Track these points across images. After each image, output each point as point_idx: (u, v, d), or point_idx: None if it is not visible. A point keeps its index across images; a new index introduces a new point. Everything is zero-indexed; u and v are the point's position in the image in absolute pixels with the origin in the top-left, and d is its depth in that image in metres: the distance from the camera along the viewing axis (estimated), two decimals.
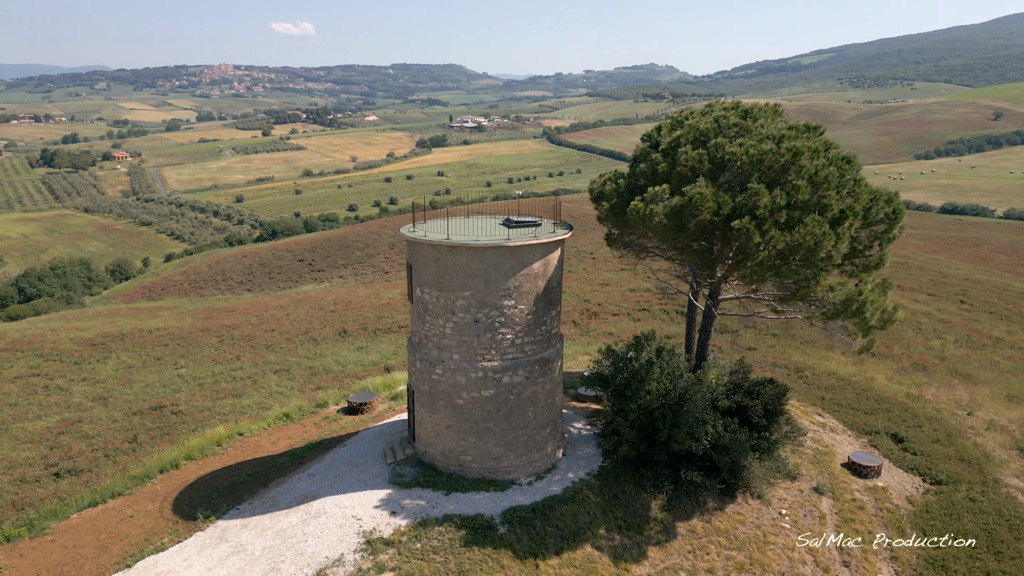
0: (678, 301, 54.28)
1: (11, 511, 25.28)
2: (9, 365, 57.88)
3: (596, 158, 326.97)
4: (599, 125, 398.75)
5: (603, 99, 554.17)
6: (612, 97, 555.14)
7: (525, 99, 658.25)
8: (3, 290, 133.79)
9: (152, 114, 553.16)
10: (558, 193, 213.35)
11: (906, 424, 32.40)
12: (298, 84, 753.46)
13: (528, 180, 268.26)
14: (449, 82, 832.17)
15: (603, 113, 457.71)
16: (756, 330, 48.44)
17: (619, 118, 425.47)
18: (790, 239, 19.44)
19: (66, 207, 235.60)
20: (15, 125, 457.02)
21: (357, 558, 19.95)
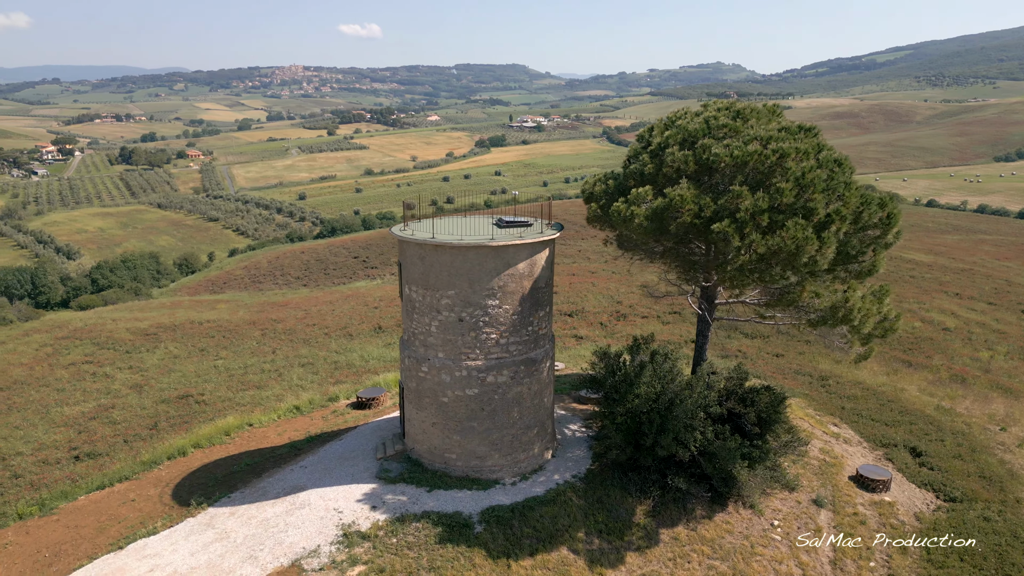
0: None
1: (28, 491, 26.75)
2: (67, 352, 60.77)
3: None
4: None
5: (666, 98, 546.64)
6: (675, 96, 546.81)
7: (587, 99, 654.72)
8: (78, 281, 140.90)
9: (225, 114, 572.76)
10: None
11: (928, 438, 31.03)
12: (364, 84, 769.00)
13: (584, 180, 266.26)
14: (512, 82, 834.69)
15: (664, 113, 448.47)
16: (787, 336, 47.07)
17: None
18: (771, 243, 18.90)
19: (141, 203, 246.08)
20: (98, 124, 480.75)
21: (332, 550, 20.37)
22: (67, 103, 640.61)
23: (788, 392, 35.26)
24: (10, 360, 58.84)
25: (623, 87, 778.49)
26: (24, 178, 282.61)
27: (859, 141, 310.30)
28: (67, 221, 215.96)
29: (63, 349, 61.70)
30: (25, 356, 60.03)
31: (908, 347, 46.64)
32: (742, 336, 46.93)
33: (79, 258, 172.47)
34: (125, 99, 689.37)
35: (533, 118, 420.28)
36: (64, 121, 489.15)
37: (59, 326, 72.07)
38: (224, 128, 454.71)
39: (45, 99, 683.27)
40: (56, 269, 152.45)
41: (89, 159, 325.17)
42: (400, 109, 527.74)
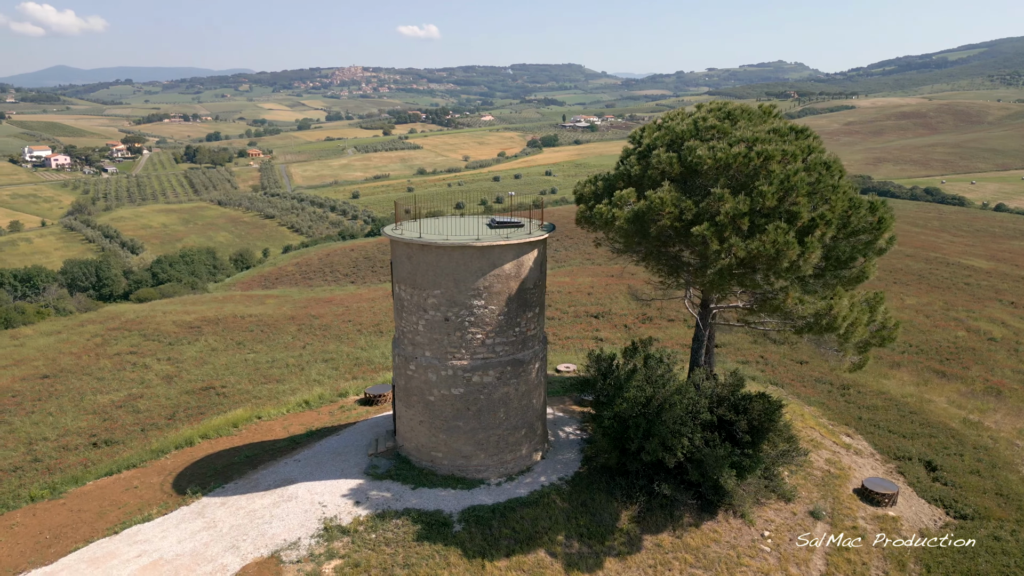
0: None
1: (44, 474, 28.03)
2: (115, 342, 63.18)
3: None
4: None
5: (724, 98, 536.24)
6: (733, 96, 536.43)
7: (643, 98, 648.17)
8: (139, 275, 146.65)
9: (287, 114, 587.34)
10: None
11: (946, 451, 29.78)
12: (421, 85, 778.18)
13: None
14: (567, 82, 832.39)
15: None
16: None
17: None
18: (751, 247, 18.45)
19: (202, 200, 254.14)
20: (167, 124, 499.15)
21: (312, 543, 20.76)
22: (139, 103, 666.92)
23: (804, 400, 34.40)
24: (61, 349, 61.41)
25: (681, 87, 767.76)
26: (95, 175, 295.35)
27: (926, 142, 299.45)
28: (133, 217, 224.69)
29: (112, 340, 64.07)
30: (76, 346, 62.52)
31: (946, 357, 44.81)
32: (768, 342, 45.82)
33: (142, 252, 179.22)
34: (193, 99, 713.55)
35: (586, 118, 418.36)
36: (135, 121, 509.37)
37: (112, 317, 74.77)
38: (284, 128, 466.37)
39: (118, 99, 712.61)
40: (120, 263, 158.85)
41: (156, 157, 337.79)
42: (455, 109, 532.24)
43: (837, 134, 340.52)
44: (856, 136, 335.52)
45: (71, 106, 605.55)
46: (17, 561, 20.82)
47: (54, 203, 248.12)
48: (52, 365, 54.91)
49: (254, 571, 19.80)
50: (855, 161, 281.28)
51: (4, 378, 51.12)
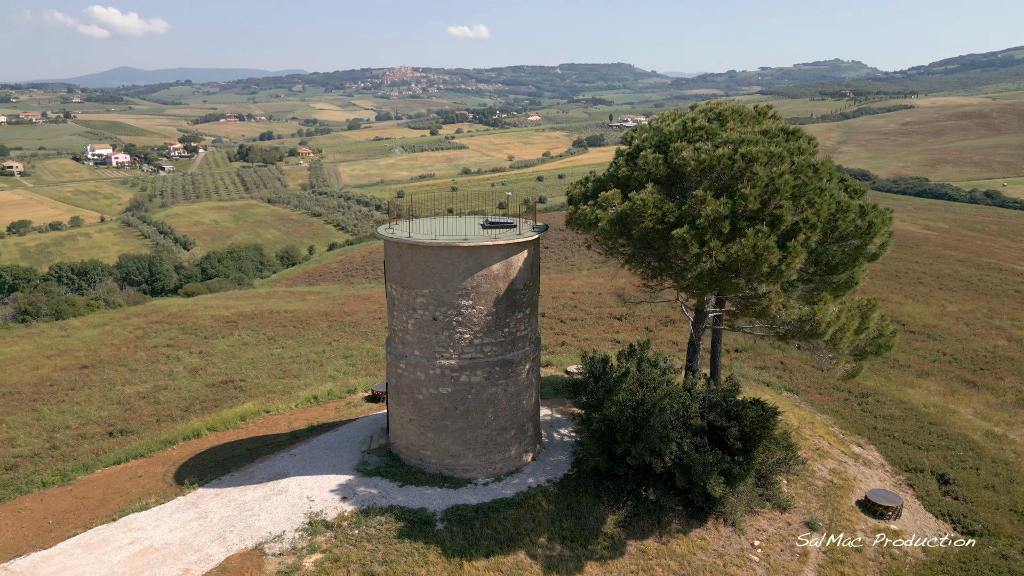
0: None
1: (59, 462, 29.08)
2: (155, 335, 65.12)
3: None
4: None
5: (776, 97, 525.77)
6: (786, 95, 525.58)
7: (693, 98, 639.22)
8: (189, 270, 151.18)
9: (337, 114, 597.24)
10: None
11: (963, 464, 28.67)
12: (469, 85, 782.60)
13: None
14: (616, 81, 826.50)
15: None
16: None
17: (791, 117, 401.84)
18: (730, 251, 18.07)
19: (253, 197, 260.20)
20: (223, 123, 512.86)
21: (296, 536, 21.12)
22: (197, 103, 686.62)
23: (817, 408, 33.56)
24: (104, 340, 63.47)
25: (732, 86, 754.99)
26: (153, 173, 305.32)
27: (988, 143, 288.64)
28: (187, 214, 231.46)
29: (152, 332, 65.98)
30: (118, 338, 64.54)
31: (980, 366, 43.10)
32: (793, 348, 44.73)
33: (193, 248, 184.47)
34: (248, 100, 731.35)
35: (633, 118, 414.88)
36: (193, 120, 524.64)
37: (156, 311, 76.96)
38: (335, 128, 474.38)
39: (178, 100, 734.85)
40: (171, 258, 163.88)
41: (211, 156, 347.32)
42: (502, 109, 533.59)
43: (894, 134, 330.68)
44: (914, 136, 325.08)
45: (133, 106, 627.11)
46: (19, 544, 21.70)
47: (113, 200, 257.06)
48: (92, 356, 56.76)
49: (237, 562, 20.24)
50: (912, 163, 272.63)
51: (46, 367, 53.14)
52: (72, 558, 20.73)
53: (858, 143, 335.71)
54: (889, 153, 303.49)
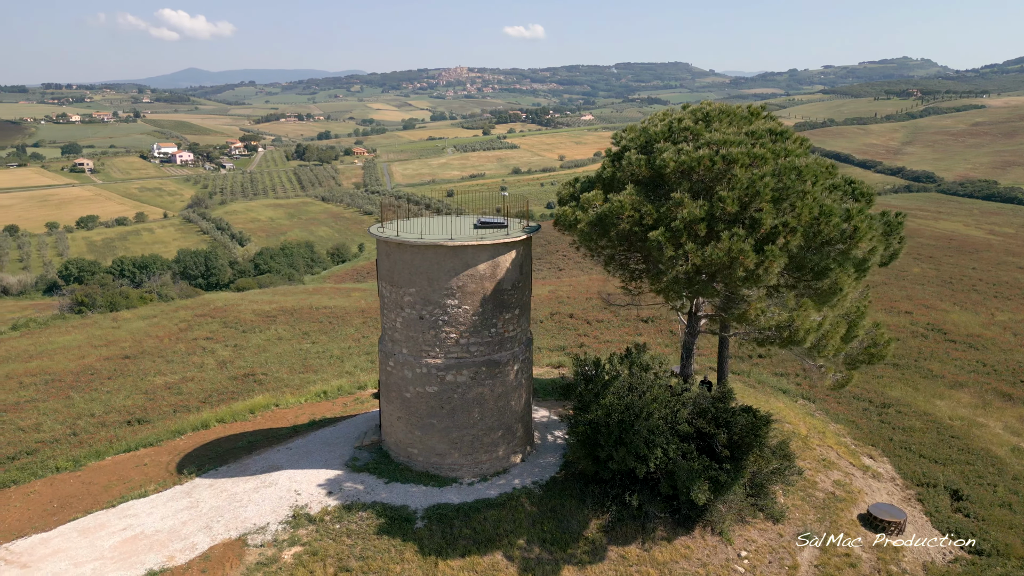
0: None
1: (75, 448, 30.26)
2: (198, 328, 67.06)
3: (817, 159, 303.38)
4: (828, 125, 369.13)
5: (839, 96, 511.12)
6: (849, 94, 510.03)
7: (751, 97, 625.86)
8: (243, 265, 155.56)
9: (393, 114, 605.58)
10: None
11: (980, 481, 27.37)
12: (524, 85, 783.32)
13: None
14: (672, 80, 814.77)
15: (835, 112, 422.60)
16: None
17: (853, 117, 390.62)
18: (705, 254, 17.64)
19: (308, 195, 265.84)
20: (283, 123, 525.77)
21: (279, 529, 21.52)
22: (259, 103, 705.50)
23: (832, 417, 32.56)
24: (149, 332, 65.69)
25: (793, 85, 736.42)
26: (214, 171, 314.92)
27: None
28: (244, 210, 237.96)
29: (195, 325, 67.94)
30: (164, 330, 66.67)
31: (1021, 378, 41.04)
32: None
33: (248, 244, 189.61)
34: (308, 100, 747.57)
35: None
36: (254, 120, 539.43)
37: (203, 305, 79.19)
38: (390, 127, 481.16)
39: (242, 100, 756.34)
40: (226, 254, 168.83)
41: (269, 155, 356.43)
42: (556, 109, 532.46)
43: (962, 135, 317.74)
44: (984, 138, 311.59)
45: (199, 106, 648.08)
46: (23, 526, 22.69)
47: (176, 196, 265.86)
48: (136, 347, 58.74)
49: (220, 551, 20.74)
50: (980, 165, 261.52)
51: (91, 357, 55.25)
52: (68, 541, 21.58)
53: (924, 144, 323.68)
54: (956, 155, 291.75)
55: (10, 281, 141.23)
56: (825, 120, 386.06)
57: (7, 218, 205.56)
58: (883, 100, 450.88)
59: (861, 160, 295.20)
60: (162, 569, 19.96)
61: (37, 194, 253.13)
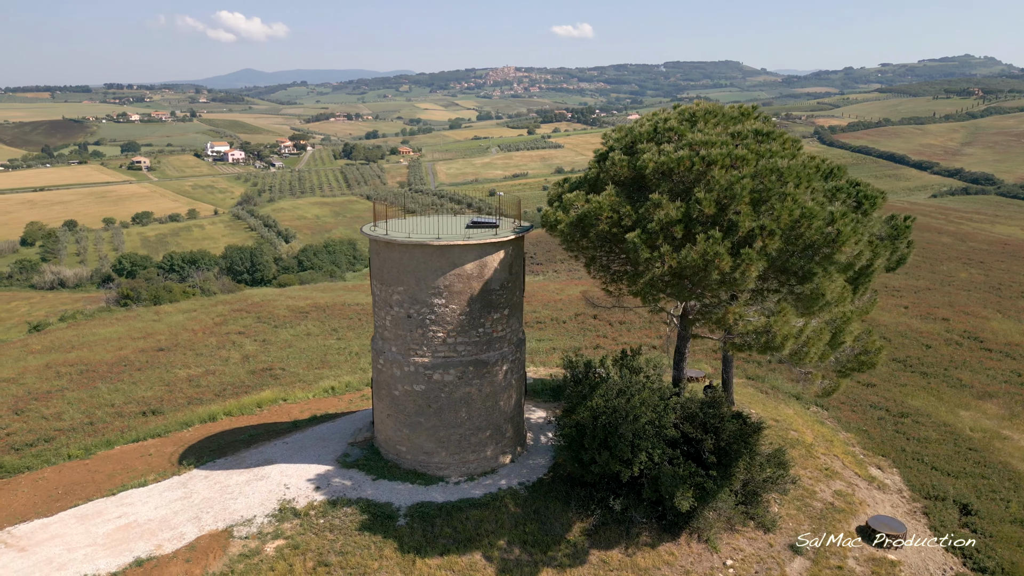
0: None
1: (89, 436, 31.28)
2: (232, 322, 68.58)
3: (872, 161, 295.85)
4: (883, 124, 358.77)
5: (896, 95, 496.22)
6: (907, 93, 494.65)
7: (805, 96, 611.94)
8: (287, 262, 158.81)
9: (440, 113, 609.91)
10: None
11: (993, 495, 26.28)
12: (571, 84, 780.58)
13: None
14: (723, 79, 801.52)
15: (892, 111, 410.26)
16: (902, 366, 41.57)
17: (910, 117, 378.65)
18: (680, 257, 17.31)
19: (354, 194, 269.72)
20: (332, 122, 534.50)
21: (264, 522, 21.89)
22: (310, 103, 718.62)
23: (843, 426, 31.68)
24: (187, 325, 67.42)
25: (848, 84, 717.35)
26: (264, 169, 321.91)
27: None
28: (291, 208, 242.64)
29: (230, 320, 69.47)
30: (200, 324, 68.33)
31: None
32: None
33: (293, 241, 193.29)
34: (357, 100, 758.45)
35: None
36: (305, 120, 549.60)
37: (242, 300, 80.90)
38: (437, 127, 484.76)
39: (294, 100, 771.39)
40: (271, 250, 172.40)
41: (317, 154, 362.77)
42: (603, 108, 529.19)
43: None
44: None
45: (253, 106, 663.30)
46: (27, 511, 23.57)
47: (227, 194, 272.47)
48: (171, 339, 60.34)
49: (205, 542, 21.20)
50: None
51: (128, 349, 57.01)
52: (66, 527, 22.33)
53: (984, 145, 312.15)
54: (1019, 156, 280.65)
55: (67, 274, 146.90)
56: (880, 120, 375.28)
57: (67, 213, 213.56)
58: (942, 99, 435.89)
59: (917, 161, 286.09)
60: (149, 557, 20.50)
61: (96, 190, 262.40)
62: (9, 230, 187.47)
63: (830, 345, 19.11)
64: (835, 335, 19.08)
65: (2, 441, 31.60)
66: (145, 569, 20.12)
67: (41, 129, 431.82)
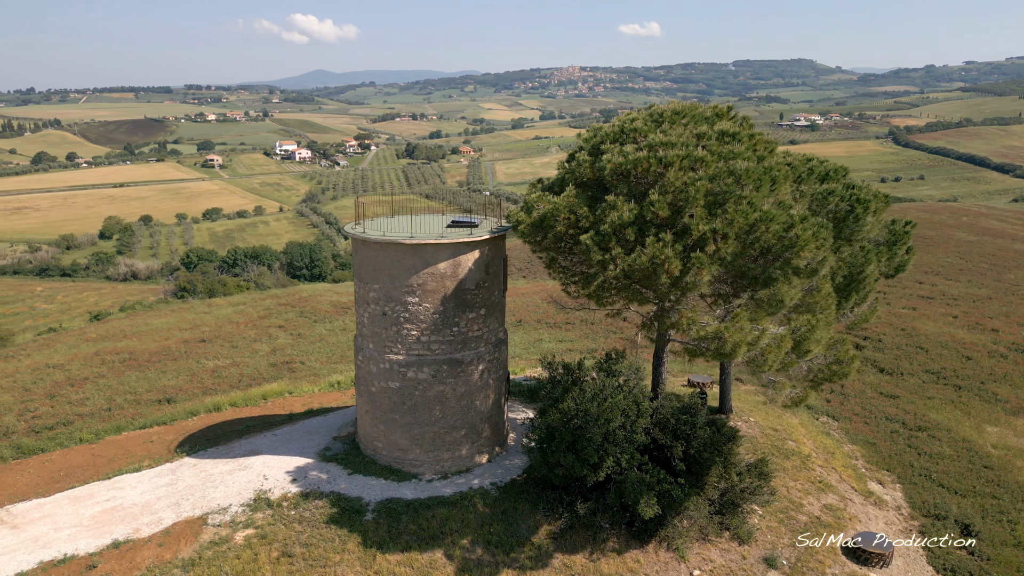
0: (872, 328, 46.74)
1: (103, 422, 32.70)
2: (275, 316, 70.42)
3: (950, 163, 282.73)
4: (964, 125, 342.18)
5: (980, 95, 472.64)
6: (991, 92, 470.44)
7: (881, 95, 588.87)
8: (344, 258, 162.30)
9: (504, 113, 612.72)
10: None
11: (1000, 517, 24.82)
12: (637, 83, 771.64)
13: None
14: (794, 78, 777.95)
15: (974, 111, 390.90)
16: (935, 378, 39.61)
17: (993, 117, 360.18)
18: (630, 260, 16.95)
19: (413, 193, 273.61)
20: (398, 122, 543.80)
21: (239, 511, 22.47)
22: (378, 103, 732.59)
23: (850, 438, 30.46)
24: (232, 318, 69.58)
25: (930, 82, 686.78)
26: (328, 168, 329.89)
27: None
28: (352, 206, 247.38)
29: (274, 314, 71.34)
30: (246, 317, 70.39)
31: None
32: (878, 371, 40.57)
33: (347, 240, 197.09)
34: (423, 100, 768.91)
35: (807, 116, 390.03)
36: (371, 119, 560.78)
37: (290, 295, 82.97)
38: (499, 127, 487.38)
39: (362, 100, 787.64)
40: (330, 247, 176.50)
41: (381, 153, 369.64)
42: None
43: None
44: None
45: (322, 106, 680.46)
46: (27, 490, 24.83)
47: (292, 191, 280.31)
48: (215, 331, 62.35)
49: (180, 528, 21.92)
50: None
51: (173, 339, 59.26)
52: (58, 507, 23.44)
53: None
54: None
55: (139, 267, 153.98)
56: (961, 120, 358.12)
57: (143, 209, 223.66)
58: None
59: (998, 163, 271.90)
60: (126, 540, 21.33)
61: (171, 187, 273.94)
62: (89, 224, 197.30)
63: (796, 353, 18.39)
64: (799, 343, 18.34)
65: (27, 423, 33.35)
66: (121, 551, 20.94)
67: (124, 128, 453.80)
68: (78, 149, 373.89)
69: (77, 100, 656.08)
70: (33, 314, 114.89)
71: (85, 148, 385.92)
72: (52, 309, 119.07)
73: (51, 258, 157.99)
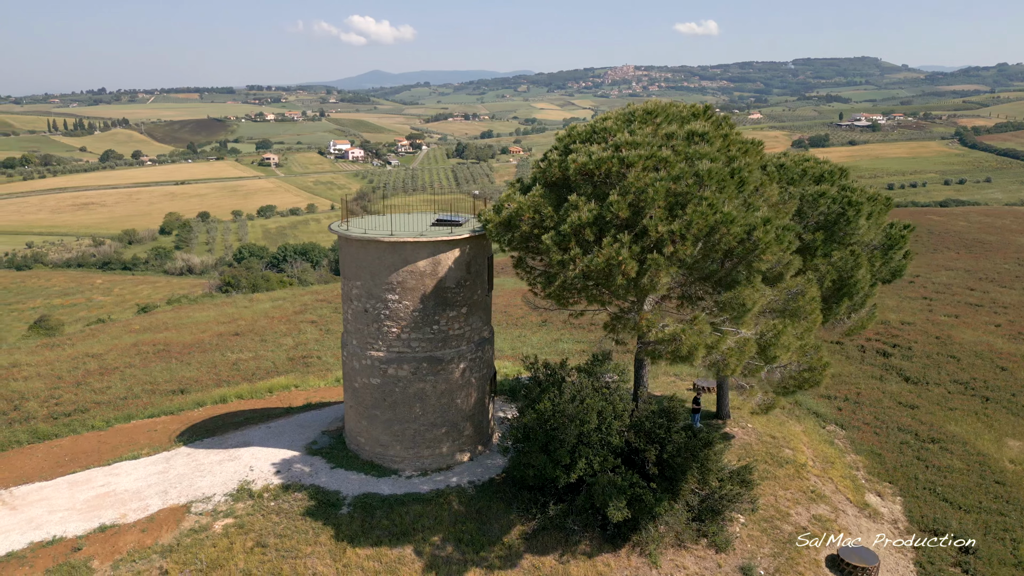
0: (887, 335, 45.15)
1: (116, 410, 33.83)
2: (310, 312, 71.59)
3: (1019, 165, 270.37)
4: None
5: None
6: None
7: (949, 94, 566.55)
8: None
9: (556, 113, 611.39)
10: (946, 204, 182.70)
11: (1003, 535, 23.71)
12: (692, 83, 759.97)
13: (914, 187, 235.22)
14: (857, 76, 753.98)
15: None
16: (962, 388, 37.94)
17: None
18: (586, 261, 16.75)
19: (461, 192, 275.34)
20: (451, 122, 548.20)
21: (221, 500, 23.04)
22: (432, 103, 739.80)
23: (854, 447, 29.44)
24: (269, 313, 71.08)
25: (1002, 81, 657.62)
26: (380, 167, 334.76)
27: None
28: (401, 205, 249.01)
29: (309, 309, 72.60)
30: (282, 311, 71.85)
31: None
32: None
33: None
34: (477, 100, 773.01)
35: (868, 116, 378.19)
36: (425, 119, 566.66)
37: (328, 290, 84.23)
38: (551, 127, 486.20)
39: (416, 100, 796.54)
40: None
41: (431, 152, 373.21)
42: (723, 107, 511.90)
43: None
44: None
45: (378, 106, 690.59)
46: (32, 473, 25.92)
47: (344, 190, 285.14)
48: (250, 325, 63.75)
49: (164, 515, 22.59)
50: None
51: (208, 332, 60.92)
52: (57, 491, 24.41)
53: None
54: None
55: (195, 262, 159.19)
56: None
57: (202, 206, 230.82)
58: None
59: None
60: (112, 524, 22.10)
61: (228, 184, 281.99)
62: (151, 220, 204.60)
63: (762, 359, 17.87)
64: (765, 349, 17.81)
65: (48, 409, 34.77)
66: (106, 535, 21.70)
67: (188, 127, 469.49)
68: (144, 147, 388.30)
69: (145, 100, 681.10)
70: (89, 305, 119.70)
71: (150, 147, 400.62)
72: (107, 301, 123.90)
73: (113, 252, 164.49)
